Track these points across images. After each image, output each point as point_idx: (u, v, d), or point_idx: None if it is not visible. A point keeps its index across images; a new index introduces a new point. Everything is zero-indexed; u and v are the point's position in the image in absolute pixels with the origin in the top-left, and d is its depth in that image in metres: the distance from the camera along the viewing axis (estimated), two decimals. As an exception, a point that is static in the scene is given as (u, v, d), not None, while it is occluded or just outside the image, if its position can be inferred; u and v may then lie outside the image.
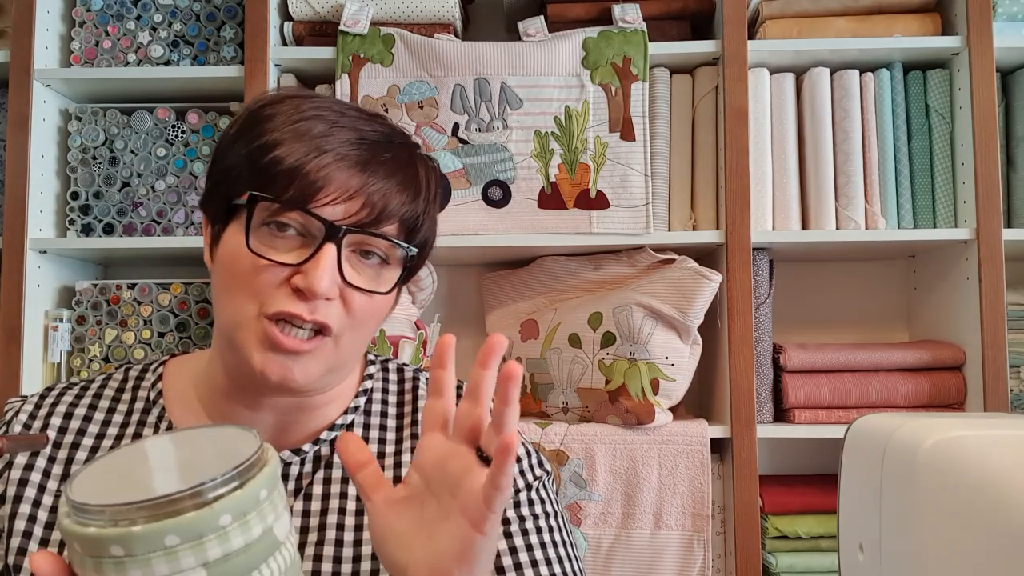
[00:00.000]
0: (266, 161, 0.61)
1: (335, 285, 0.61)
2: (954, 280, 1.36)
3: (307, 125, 0.62)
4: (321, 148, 0.61)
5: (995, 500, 0.39)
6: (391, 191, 0.63)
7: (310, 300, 0.60)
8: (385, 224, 0.63)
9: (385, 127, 0.67)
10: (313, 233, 0.61)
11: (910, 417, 0.49)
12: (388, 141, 0.65)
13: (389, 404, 0.74)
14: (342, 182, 0.61)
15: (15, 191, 1.33)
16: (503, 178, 1.32)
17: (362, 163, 0.62)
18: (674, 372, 1.27)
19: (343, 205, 0.61)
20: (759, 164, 1.32)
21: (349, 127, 0.63)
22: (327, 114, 0.64)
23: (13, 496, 0.65)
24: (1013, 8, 1.32)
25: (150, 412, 0.70)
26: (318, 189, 0.60)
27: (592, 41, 1.32)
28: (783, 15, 1.35)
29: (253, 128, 0.63)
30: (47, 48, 1.38)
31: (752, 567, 1.25)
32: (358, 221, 0.61)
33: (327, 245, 0.60)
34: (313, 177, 0.60)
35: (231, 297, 0.62)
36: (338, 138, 0.62)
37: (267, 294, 0.61)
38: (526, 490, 0.71)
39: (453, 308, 1.55)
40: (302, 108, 0.63)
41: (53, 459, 0.67)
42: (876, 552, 0.49)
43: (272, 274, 0.61)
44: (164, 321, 1.36)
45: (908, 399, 1.32)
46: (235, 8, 1.37)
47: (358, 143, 0.63)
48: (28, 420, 0.69)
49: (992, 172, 1.28)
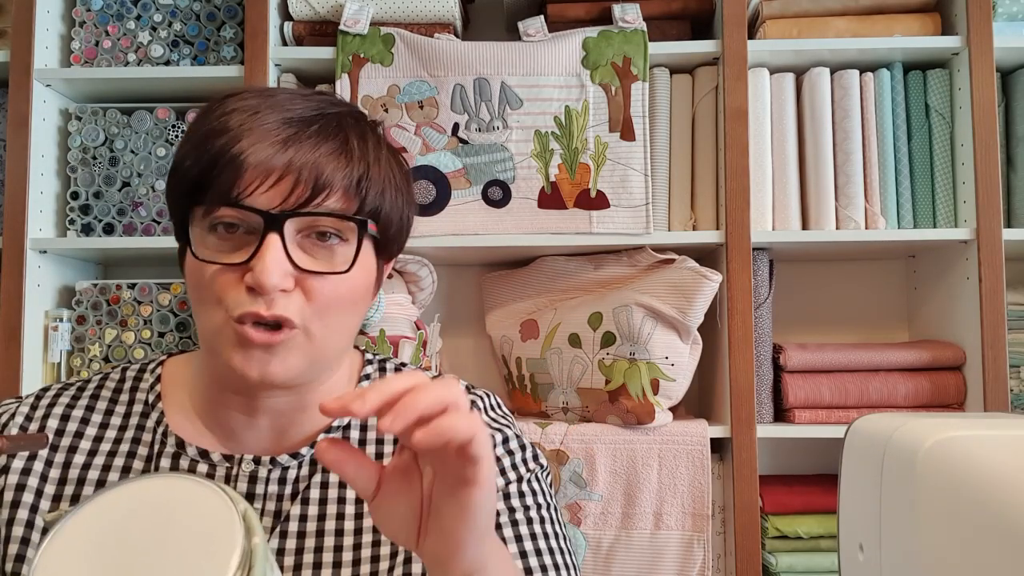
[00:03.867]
0: (190, 163, 0.60)
1: (287, 276, 0.59)
2: (954, 280, 1.36)
3: (229, 118, 0.60)
4: (238, 138, 0.59)
5: (995, 500, 0.39)
6: (320, 162, 0.60)
7: (264, 295, 0.58)
8: (324, 199, 0.60)
9: (316, 102, 0.63)
10: (255, 227, 0.59)
11: (910, 417, 0.49)
12: (317, 115, 0.62)
13: None
14: (264, 165, 0.58)
15: (15, 191, 1.33)
16: (503, 178, 1.32)
17: (283, 141, 0.59)
18: (674, 372, 1.27)
19: (274, 189, 0.58)
20: (759, 164, 1.32)
21: (273, 109, 0.61)
22: (252, 102, 0.61)
23: (10, 501, 0.64)
24: (1013, 8, 1.32)
25: (149, 416, 0.69)
26: (239, 177, 0.58)
27: (592, 41, 1.32)
28: (783, 15, 1.35)
29: (188, 135, 0.63)
30: (47, 48, 1.38)
31: (752, 567, 1.25)
32: (295, 203, 0.59)
33: (269, 235, 0.58)
34: (233, 167, 0.58)
35: (202, 307, 0.62)
36: (259, 122, 0.60)
37: (229, 297, 0.59)
38: (517, 482, 0.71)
39: (453, 308, 1.55)
40: (230, 104, 0.61)
41: (50, 462, 0.66)
42: (876, 552, 0.49)
43: (226, 277, 0.60)
44: (164, 321, 1.36)
45: (908, 399, 1.32)
46: (235, 8, 1.37)
47: (280, 123, 0.60)
48: (24, 422, 0.68)
49: (992, 172, 1.28)
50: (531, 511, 0.69)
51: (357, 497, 0.67)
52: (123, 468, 0.67)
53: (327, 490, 0.67)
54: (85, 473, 0.66)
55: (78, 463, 0.66)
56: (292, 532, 0.65)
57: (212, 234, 0.60)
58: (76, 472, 0.66)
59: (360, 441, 0.71)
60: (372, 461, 0.52)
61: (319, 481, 0.68)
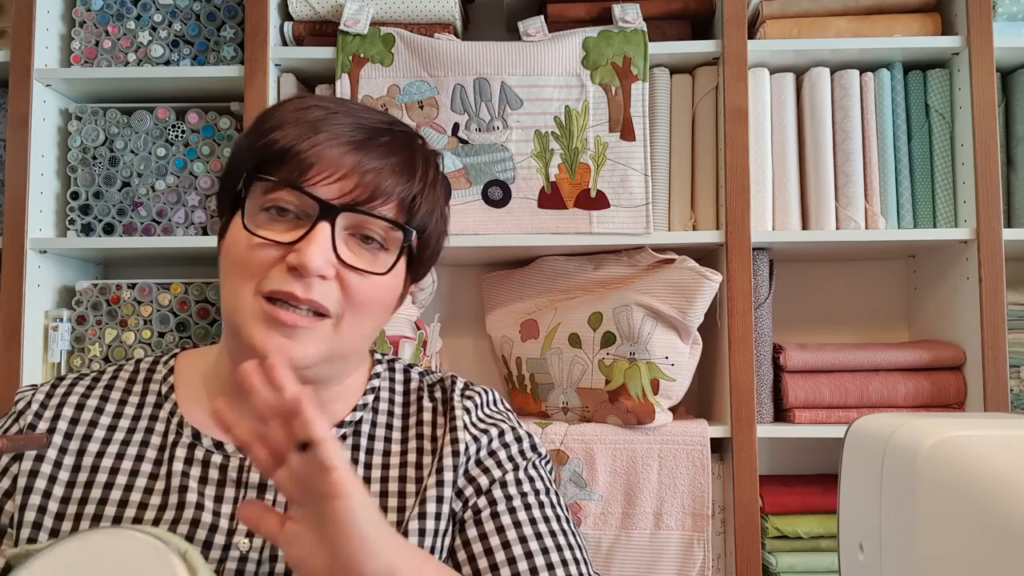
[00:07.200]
0: (261, 144, 0.63)
1: (330, 264, 0.61)
2: (954, 280, 1.36)
3: (306, 113, 0.64)
4: (316, 129, 0.62)
5: (995, 500, 0.39)
6: (385, 171, 0.63)
7: (304, 278, 0.60)
8: (381, 205, 0.63)
9: (386, 117, 0.68)
10: (309, 215, 0.62)
11: (910, 417, 0.49)
12: (387, 129, 0.66)
13: (395, 404, 0.75)
14: (334, 160, 0.61)
15: (15, 191, 1.33)
16: (503, 178, 1.32)
17: (356, 144, 0.63)
18: (674, 372, 1.27)
19: (337, 184, 0.61)
20: (759, 164, 1.32)
21: (348, 114, 0.65)
22: (329, 105, 0.65)
23: (24, 487, 0.65)
24: (1013, 8, 1.32)
25: (162, 407, 0.70)
26: (309, 166, 0.61)
27: (592, 41, 1.32)
28: (783, 15, 1.35)
29: (259, 124, 0.65)
30: (47, 48, 1.38)
31: (752, 567, 1.25)
32: (353, 200, 0.62)
33: (321, 223, 0.61)
34: (304, 156, 0.61)
35: (231, 280, 0.64)
36: (335, 121, 0.63)
37: (263, 274, 0.61)
38: (514, 471, 0.71)
39: (453, 308, 1.55)
40: (307, 102, 0.65)
41: (65, 450, 0.67)
42: (876, 552, 0.49)
43: (267, 253, 0.62)
44: (164, 321, 1.36)
45: (908, 399, 1.32)
46: (235, 8, 1.37)
47: (355, 127, 0.64)
48: (40, 409, 0.69)
49: (992, 172, 1.28)
50: (529, 496, 0.70)
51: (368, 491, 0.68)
52: (136, 456, 0.68)
53: None
54: (99, 461, 0.67)
55: (92, 451, 0.68)
56: None
57: (264, 213, 0.63)
58: (90, 460, 0.67)
59: (370, 437, 0.72)
60: (274, 516, 0.54)
61: None
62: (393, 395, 0.75)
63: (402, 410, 0.74)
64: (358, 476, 0.54)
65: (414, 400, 0.75)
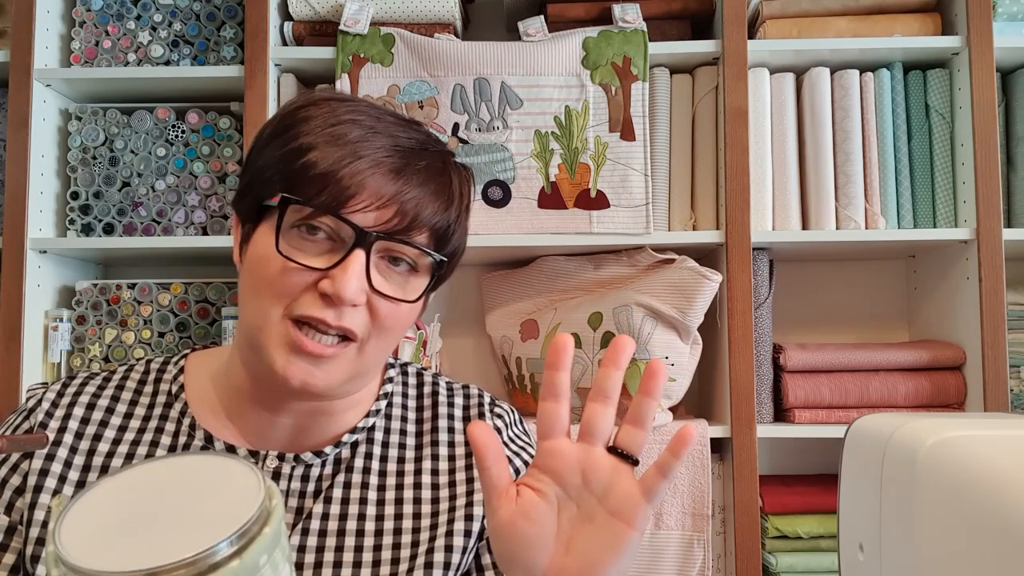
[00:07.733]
0: (299, 165, 0.61)
1: (363, 292, 0.60)
2: (954, 280, 1.36)
3: (343, 129, 0.62)
4: (356, 154, 0.60)
5: (995, 500, 0.39)
6: (424, 200, 0.62)
7: (337, 306, 0.60)
8: (416, 233, 0.62)
9: (420, 134, 0.66)
10: (343, 238, 0.61)
11: (910, 417, 0.49)
12: (423, 148, 0.65)
13: (409, 409, 0.74)
14: (375, 189, 0.60)
15: (15, 191, 1.33)
16: (503, 178, 1.32)
17: (396, 171, 0.61)
18: (674, 372, 1.27)
19: (375, 212, 0.60)
20: (759, 164, 1.32)
21: (385, 133, 0.63)
22: (363, 119, 0.63)
23: (33, 486, 0.65)
24: (1013, 8, 1.32)
25: (172, 407, 0.70)
26: (351, 195, 0.60)
27: (592, 41, 1.32)
28: (783, 15, 1.35)
29: (288, 130, 0.63)
30: (47, 48, 1.38)
31: (752, 567, 1.25)
32: (389, 228, 0.61)
33: (356, 251, 0.60)
34: (347, 183, 0.60)
35: (257, 298, 0.62)
36: (373, 144, 0.62)
37: (293, 297, 0.61)
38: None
39: (453, 308, 1.55)
40: (338, 112, 0.63)
41: (75, 450, 0.67)
42: (876, 552, 0.49)
43: (300, 277, 0.60)
44: (164, 321, 1.36)
45: (908, 399, 1.32)
46: (235, 8, 1.37)
47: (393, 150, 0.62)
48: (51, 408, 0.69)
49: (992, 172, 1.28)
50: None
51: (379, 498, 0.68)
52: (146, 457, 0.68)
53: (350, 490, 0.68)
54: (109, 461, 0.67)
55: (102, 451, 0.68)
56: (313, 530, 0.66)
57: (294, 230, 0.61)
58: (100, 460, 0.67)
59: (384, 444, 0.71)
60: (507, 472, 0.54)
61: (342, 481, 0.68)
62: (407, 400, 0.75)
63: (416, 415, 0.74)
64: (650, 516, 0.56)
65: (429, 405, 0.74)
